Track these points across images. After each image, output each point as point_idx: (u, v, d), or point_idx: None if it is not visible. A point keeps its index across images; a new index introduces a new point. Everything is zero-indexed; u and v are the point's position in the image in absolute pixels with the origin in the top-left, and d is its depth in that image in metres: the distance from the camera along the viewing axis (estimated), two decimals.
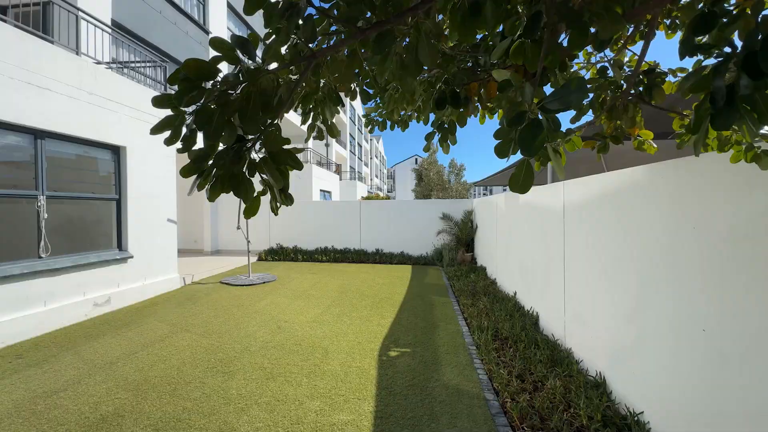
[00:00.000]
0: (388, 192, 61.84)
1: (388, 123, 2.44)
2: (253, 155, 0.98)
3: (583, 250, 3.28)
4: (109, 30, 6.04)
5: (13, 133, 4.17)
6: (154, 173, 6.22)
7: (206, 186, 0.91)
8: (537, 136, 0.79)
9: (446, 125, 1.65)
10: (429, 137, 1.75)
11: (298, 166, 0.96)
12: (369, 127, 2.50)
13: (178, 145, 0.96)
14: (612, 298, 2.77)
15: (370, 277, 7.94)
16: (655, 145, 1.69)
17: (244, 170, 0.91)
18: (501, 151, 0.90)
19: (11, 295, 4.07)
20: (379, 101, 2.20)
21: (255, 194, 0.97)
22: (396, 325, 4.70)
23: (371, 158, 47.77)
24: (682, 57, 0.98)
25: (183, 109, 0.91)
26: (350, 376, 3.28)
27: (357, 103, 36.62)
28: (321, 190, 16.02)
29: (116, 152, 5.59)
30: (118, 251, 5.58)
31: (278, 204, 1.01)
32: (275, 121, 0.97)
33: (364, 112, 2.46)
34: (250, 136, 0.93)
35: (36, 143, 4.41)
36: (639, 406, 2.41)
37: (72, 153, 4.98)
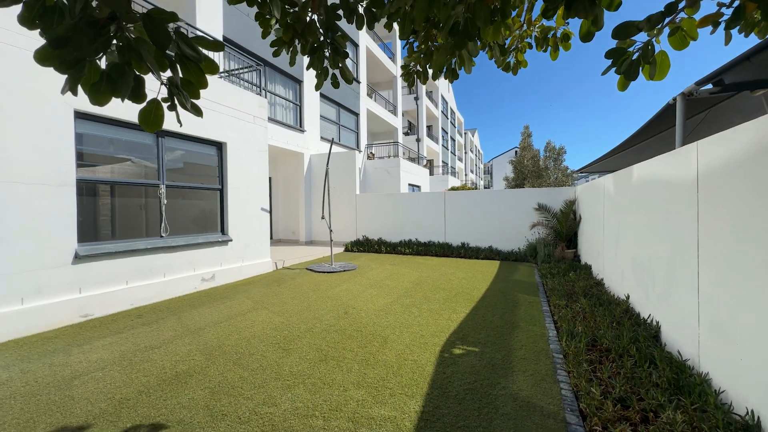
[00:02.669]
0: (484, 187, 58.64)
1: (430, 72, 2.06)
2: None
3: (728, 235, 2.29)
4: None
5: (141, 132, 5.07)
6: (249, 166, 6.93)
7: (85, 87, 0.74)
8: None
9: (461, 26, 1.18)
10: (443, 55, 1.29)
11: (194, 53, 0.72)
12: (408, 81, 2.16)
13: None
14: None
15: (451, 271, 7.42)
16: None
17: (117, 57, 0.72)
18: None
19: (140, 266, 4.97)
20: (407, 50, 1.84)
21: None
22: (468, 322, 4.18)
23: (465, 153, 45.92)
24: None
25: None
26: (403, 369, 2.98)
27: (450, 96, 35.57)
28: (409, 184, 15.87)
29: (220, 147, 6.40)
30: (221, 234, 6.38)
31: (175, 104, 0.78)
32: None
33: (403, 63, 2.12)
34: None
35: (158, 141, 5.30)
36: None
37: (187, 149, 5.86)
